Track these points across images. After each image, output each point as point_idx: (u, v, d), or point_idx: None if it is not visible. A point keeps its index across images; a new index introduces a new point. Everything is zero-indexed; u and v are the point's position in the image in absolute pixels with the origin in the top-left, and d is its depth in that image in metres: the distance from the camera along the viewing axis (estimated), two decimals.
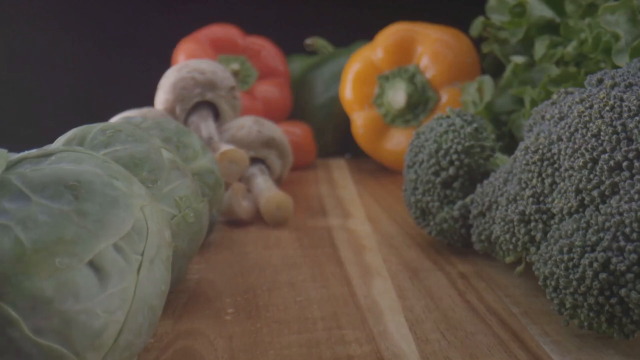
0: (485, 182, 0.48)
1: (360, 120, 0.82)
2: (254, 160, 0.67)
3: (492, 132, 0.60)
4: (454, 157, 0.50)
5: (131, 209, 0.28)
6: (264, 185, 0.64)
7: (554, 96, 0.47)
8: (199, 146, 0.53)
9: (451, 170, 0.50)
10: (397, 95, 0.78)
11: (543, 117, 0.47)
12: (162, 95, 0.68)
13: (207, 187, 0.52)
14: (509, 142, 0.65)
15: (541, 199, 0.40)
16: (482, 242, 0.47)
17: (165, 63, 0.84)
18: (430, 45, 0.77)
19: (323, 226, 0.60)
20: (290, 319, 0.40)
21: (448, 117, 0.53)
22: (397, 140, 0.80)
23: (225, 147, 0.62)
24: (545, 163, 0.40)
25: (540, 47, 0.67)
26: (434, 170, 0.51)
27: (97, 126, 0.41)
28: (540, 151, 0.41)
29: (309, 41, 0.97)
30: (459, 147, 0.50)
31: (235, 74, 0.86)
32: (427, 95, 0.78)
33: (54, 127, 0.49)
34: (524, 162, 0.42)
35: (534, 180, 0.41)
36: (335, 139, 0.94)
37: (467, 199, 0.50)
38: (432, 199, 0.51)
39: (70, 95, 1.09)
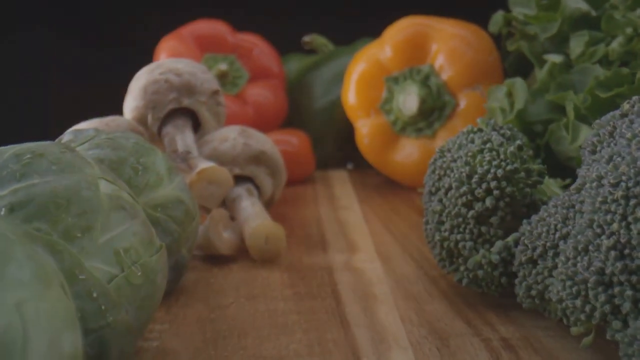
0: (535, 218, 0.37)
1: (365, 129, 0.73)
2: (240, 180, 0.56)
3: (529, 147, 0.49)
4: (493, 184, 0.39)
5: None
6: (250, 211, 0.53)
7: (625, 106, 0.36)
8: (164, 169, 0.41)
9: (488, 202, 0.39)
10: (409, 100, 0.70)
11: (612, 134, 0.36)
12: (131, 101, 0.57)
13: (175, 222, 0.41)
14: (546, 158, 0.55)
15: (627, 252, 0.29)
16: (532, 298, 0.36)
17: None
18: (446, 42, 0.70)
19: (323, 265, 0.49)
20: None
21: (481, 130, 0.42)
22: (408, 152, 0.72)
23: (203, 165, 0.51)
24: (632, 202, 0.29)
25: (577, 44, 0.58)
26: (465, 201, 0.39)
27: (10, 150, 0.30)
28: (623, 185, 0.30)
29: (306, 38, 0.90)
30: (499, 172, 0.39)
31: (223, 75, 0.79)
32: (443, 99, 0.69)
33: (38, 129, 0.40)
34: (600, 198, 0.30)
35: (616, 225, 0.29)
36: (336, 148, 0.86)
37: (510, 239, 0.39)
38: (462, 238, 0.40)
39: (51, 95, 1.04)
